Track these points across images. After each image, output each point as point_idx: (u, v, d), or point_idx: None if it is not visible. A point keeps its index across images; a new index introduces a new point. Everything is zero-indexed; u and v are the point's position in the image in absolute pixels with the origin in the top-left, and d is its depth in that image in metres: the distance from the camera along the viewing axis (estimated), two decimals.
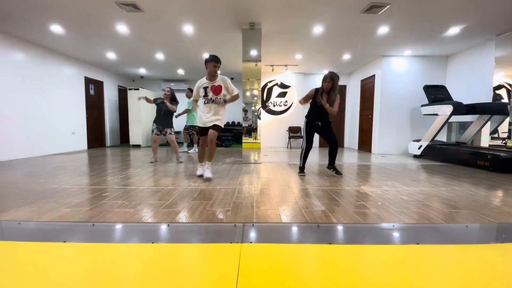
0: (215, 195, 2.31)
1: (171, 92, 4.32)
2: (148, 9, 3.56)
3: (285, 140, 7.56)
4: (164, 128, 4.25)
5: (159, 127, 4.24)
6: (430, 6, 3.43)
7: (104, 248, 1.30)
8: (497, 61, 4.45)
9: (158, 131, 4.25)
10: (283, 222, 1.67)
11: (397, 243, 1.42)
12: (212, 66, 2.90)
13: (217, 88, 2.98)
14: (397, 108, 5.75)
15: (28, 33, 4.45)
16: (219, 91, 2.99)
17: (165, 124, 4.26)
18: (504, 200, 2.22)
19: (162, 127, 4.25)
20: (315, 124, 3.24)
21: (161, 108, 4.21)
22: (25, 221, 1.66)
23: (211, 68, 2.90)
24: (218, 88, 2.99)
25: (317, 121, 3.22)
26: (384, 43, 4.89)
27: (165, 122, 4.26)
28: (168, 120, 4.30)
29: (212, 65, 2.90)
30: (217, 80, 2.98)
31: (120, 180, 2.91)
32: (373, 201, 2.16)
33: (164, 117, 4.24)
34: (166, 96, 4.24)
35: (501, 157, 3.49)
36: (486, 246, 1.36)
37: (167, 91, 4.28)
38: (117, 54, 5.76)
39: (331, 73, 3.01)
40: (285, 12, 3.68)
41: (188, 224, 1.63)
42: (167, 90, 4.29)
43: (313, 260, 1.21)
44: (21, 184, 2.67)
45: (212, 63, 2.89)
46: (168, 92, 4.28)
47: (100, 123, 7.25)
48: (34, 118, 5.03)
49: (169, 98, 4.26)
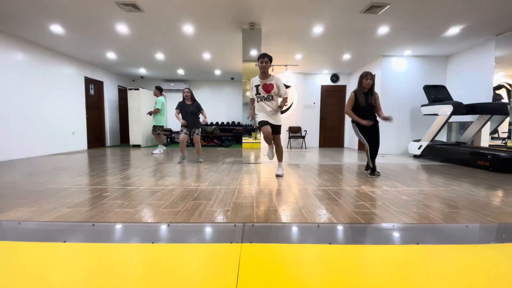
0: (215, 195, 2.31)
1: (190, 92, 4.33)
2: (148, 9, 3.56)
3: (285, 140, 7.56)
4: (193, 128, 4.31)
5: (188, 128, 4.28)
6: (430, 6, 3.43)
7: (104, 248, 1.30)
8: (497, 61, 4.45)
9: (187, 131, 4.29)
10: (283, 222, 1.67)
11: (397, 243, 1.42)
12: (259, 63, 2.95)
13: (268, 87, 3.01)
14: (397, 108, 5.75)
15: (28, 33, 4.45)
16: (270, 90, 3.00)
17: (194, 125, 4.30)
18: (504, 200, 2.22)
19: (191, 128, 4.30)
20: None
21: (186, 110, 4.23)
22: (25, 221, 1.66)
23: (259, 65, 2.96)
24: (270, 86, 3.01)
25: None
26: (384, 43, 4.89)
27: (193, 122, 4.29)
28: (196, 120, 4.32)
29: (259, 62, 2.95)
30: (270, 78, 3.01)
31: (120, 180, 2.91)
32: (373, 201, 2.16)
33: (190, 117, 4.26)
34: (186, 97, 4.27)
35: (501, 157, 3.49)
36: (486, 246, 1.36)
37: (186, 91, 4.28)
38: (117, 54, 5.76)
39: (368, 71, 3.06)
40: (285, 12, 3.68)
41: (188, 224, 1.63)
42: (187, 91, 4.29)
43: (313, 260, 1.21)
44: (21, 184, 2.67)
45: (260, 59, 2.95)
46: (188, 92, 4.29)
47: (100, 123, 7.25)
48: (34, 118, 5.03)
49: (189, 98, 4.29)
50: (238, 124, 8.98)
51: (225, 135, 8.50)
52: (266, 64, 2.93)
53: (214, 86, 9.06)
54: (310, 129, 7.64)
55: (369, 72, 3.05)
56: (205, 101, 8.46)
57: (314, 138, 7.76)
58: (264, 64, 2.93)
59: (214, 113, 8.99)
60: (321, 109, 7.72)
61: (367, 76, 3.02)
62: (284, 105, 3.13)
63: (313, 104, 7.70)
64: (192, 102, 4.31)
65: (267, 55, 2.95)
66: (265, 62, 2.92)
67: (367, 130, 3.19)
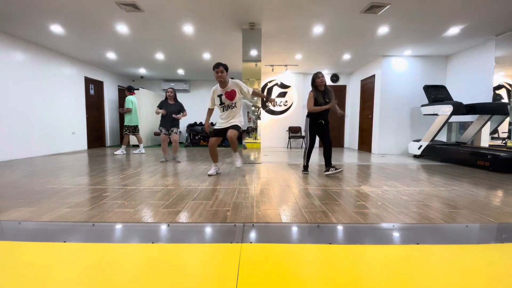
0: (215, 195, 2.31)
1: (174, 92, 4.38)
2: (148, 9, 3.56)
3: (285, 140, 7.56)
4: (172, 127, 4.35)
5: (167, 127, 4.33)
6: (430, 6, 3.43)
7: (104, 248, 1.30)
8: (497, 61, 4.45)
9: (166, 130, 4.34)
10: (283, 222, 1.67)
11: (397, 243, 1.42)
12: (215, 73, 2.91)
13: (230, 94, 2.97)
14: (397, 108, 5.75)
15: (28, 33, 4.45)
16: (233, 96, 2.98)
17: (172, 124, 4.35)
18: (504, 200, 2.22)
19: (169, 127, 4.34)
20: (319, 122, 3.25)
21: (167, 109, 4.27)
22: (25, 221, 1.66)
23: (215, 75, 2.90)
24: (232, 93, 2.97)
25: (321, 120, 3.24)
26: (384, 43, 4.89)
27: (172, 121, 4.34)
28: (174, 120, 4.36)
29: (215, 72, 2.90)
30: (229, 86, 2.97)
31: (120, 180, 2.91)
32: (373, 201, 2.16)
33: (170, 117, 4.30)
34: (169, 97, 4.31)
35: (501, 157, 3.49)
36: (486, 246, 1.36)
37: (170, 91, 4.32)
38: (117, 54, 5.76)
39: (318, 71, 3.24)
40: (285, 12, 3.68)
41: (188, 224, 1.63)
42: (170, 91, 4.33)
43: (313, 260, 1.21)
44: (21, 184, 2.67)
45: (215, 69, 2.89)
46: (171, 92, 4.33)
47: (100, 123, 7.25)
48: (34, 118, 5.03)
49: (172, 98, 4.34)
50: None
51: None
52: (222, 74, 2.88)
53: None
54: None
55: (319, 72, 3.19)
56: (205, 101, 8.45)
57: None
58: (220, 74, 2.88)
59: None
60: None
61: (317, 75, 3.16)
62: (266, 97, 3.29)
63: None
64: (174, 102, 4.37)
65: (222, 64, 2.89)
66: (221, 72, 2.87)
67: (319, 129, 3.28)
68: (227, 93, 2.97)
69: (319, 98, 3.17)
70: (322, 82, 3.18)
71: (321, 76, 3.17)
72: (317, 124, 3.26)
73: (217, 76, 2.89)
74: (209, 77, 8.45)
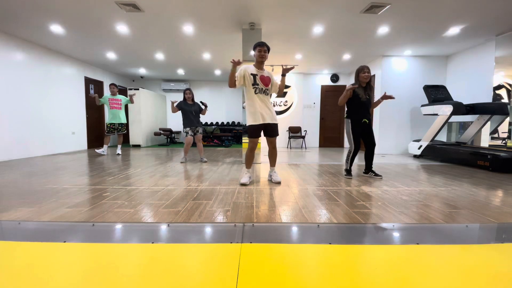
0: (215, 195, 2.31)
1: (191, 93, 4.34)
2: (148, 9, 3.56)
3: (285, 140, 7.56)
4: (197, 127, 4.34)
5: (193, 128, 4.30)
6: (430, 6, 3.43)
7: (104, 248, 1.30)
8: (497, 61, 4.45)
9: (192, 131, 4.30)
10: (283, 222, 1.67)
11: (397, 243, 1.42)
12: (257, 51, 2.60)
13: (266, 79, 2.68)
14: (397, 108, 5.75)
15: (28, 33, 4.45)
16: (267, 83, 2.69)
17: (199, 123, 4.37)
18: (504, 200, 2.22)
19: (195, 127, 4.32)
20: (362, 122, 3.01)
21: (190, 109, 4.25)
22: (25, 221, 1.66)
23: (257, 53, 2.60)
24: (267, 79, 2.70)
25: (364, 119, 3.00)
26: (384, 43, 4.89)
27: (197, 121, 4.35)
28: (199, 120, 4.38)
29: (257, 50, 2.60)
30: (265, 71, 2.72)
31: (120, 180, 2.91)
32: (373, 201, 2.16)
33: (195, 117, 4.29)
34: (188, 98, 4.29)
35: (501, 157, 3.49)
36: (486, 246, 1.36)
37: (188, 92, 4.28)
38: (117, 54, 5.76)
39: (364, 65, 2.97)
40: (285, 12, 3.68)
41: (188, 224, 1.63)
42: (188, 92, 4.29)
43: (313, 260, 1.21)
44: (21, 184, 2.67)
45: (258, 48, 2.60)
46: (190, 94, 4.30)
47: (100, 123, 7.25)
48: (34, 118, 5.03)
49: (191, 99, 4.32)
50: (238, 124, 8.98)
51: (225, 135, 8.50)
52: (265, 53, 2.61)
53: (214, 86, 9.06)
54: (310, 129, 7.64)
55: (365, 66, 2.95)
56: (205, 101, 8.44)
57: (314, 138, 7.76)
58: (263, 53, 2.60)
59: (214, 113, 8.99)
60: (321, 109, 7.72)
61: (363, 70, 2.93)
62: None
63: (313, 104, 7.70)
64: (193, 102, 4.35)
65: (266, 44, 2.64)
66: (264, 51, 2.60)
67: (364, 129, 3.05)
68: (262, 76, 2.65)
69: (361, 93, 2.92)
70: (367, 78, 2.91)
71: (367, 70, 2.89)
72: (360, 125, 3.01)
73: (260, 55, 2.59)
74: (209, 77, 8.45)
